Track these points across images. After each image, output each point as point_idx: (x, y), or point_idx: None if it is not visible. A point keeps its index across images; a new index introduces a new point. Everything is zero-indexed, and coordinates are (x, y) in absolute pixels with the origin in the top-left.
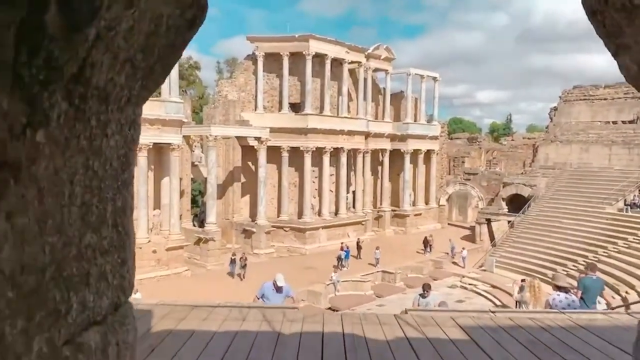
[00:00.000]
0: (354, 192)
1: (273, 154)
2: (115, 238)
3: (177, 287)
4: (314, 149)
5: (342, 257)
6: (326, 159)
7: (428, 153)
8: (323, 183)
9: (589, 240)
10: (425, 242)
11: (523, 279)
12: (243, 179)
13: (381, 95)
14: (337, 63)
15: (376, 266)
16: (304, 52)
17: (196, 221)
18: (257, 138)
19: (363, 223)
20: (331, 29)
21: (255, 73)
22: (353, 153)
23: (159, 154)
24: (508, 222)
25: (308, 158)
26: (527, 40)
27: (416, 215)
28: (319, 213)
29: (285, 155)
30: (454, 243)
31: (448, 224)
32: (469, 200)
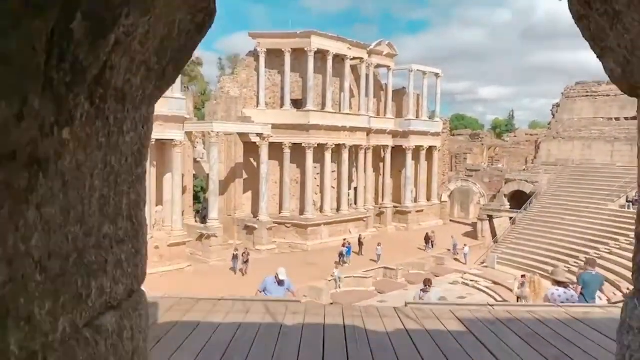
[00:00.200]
0: (356, 189)
1: (275, 151)
2: (129, 229)
3: (180, 283)
4: (316, 146)
5: (344, 254)
6: (328, 156)
7: (430, 149)
8: (325, 179)
9: (591, 236)
10: (427, 239)
11: (523, 275)
12: (245, 176)
13: (383, 91)
14: (339, 59)
15: (378, 262)
16: (306, 49)
17: (198, 217)
18: (259, 134)
19: (365, 219)
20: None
21: (257, 69)
22: (355, 149)
23: (162, 150)
24: (510, 219)
25: (310, 154)
26: (530, 36)
27: (418, 211)
28: (321, 209)
29: (287, 151)
30: (456, 240)
31: (450, 221)
32: (471, 196)
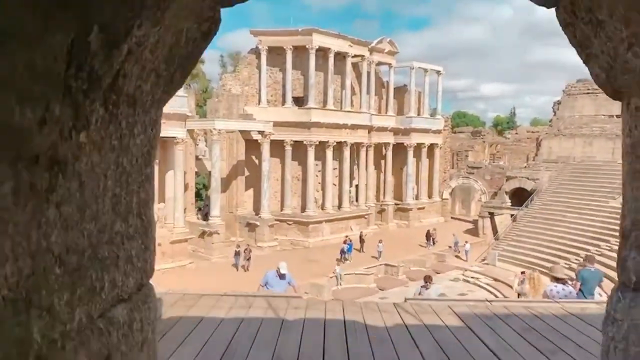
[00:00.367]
0: (357, 186)
1: (276, 148)
2: (139, 226)
3: (182, 279)
4: (317, 143)
5: (345, 251)
6: (329, 153)
7: (431, 147)
8: (326, 177)
9: (592, 233)
10: (428, 236)
11: (523, 272)
12: (247, 173)
13: (384, 88)
14: (341, 57)
15: (379, 259)
16: (307, 46)
17: (200, 215)
18: (261, 132)
19: (366, 216)
20: (334, 22)
21: (258, 67)
22: (356, 147)
23: (164, 148)
24: (511, 216)
25: (311, 152)
26: (532, 33)
27: (419, 208)
28: (322, 207)
29: (288, 149)
30: (458, 238)
31: (451, 218)
32: (472, 194)
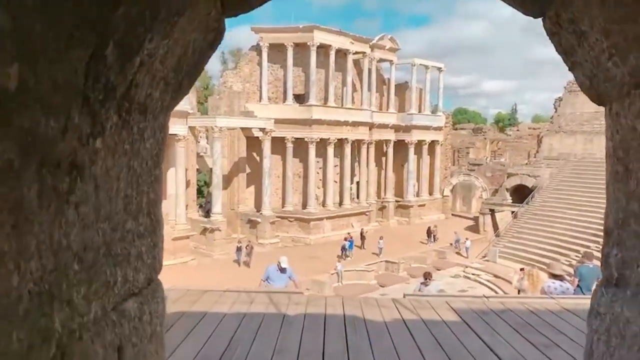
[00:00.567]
0: (358, 183)
1: (277, 145)
2: (149, 224)
3: (184, 276)
4: (318, 140)
5: (346, 247)
6: (330, 150)
7: (432, 144)
8: (327, 174)
9: (592, 230)
10: (428, 233)
11: (522, 268)
12: (248, 170)
13: (385, 85)
14: (342, 54)
15: (380, 256)
16: (308, 43)
17: (202, 211)
18: (262, 129)
19: (367, 213)
20: (335, 19)
21: (259, 64)
22: (357, 144)
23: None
24: (512, 213)
25: (312, 149)
26: (533, 30)
27: (420, 205)
28: (323, 203)
29: (289, 146)
30: (459, 235)
31: (452, 215)
32: (473, 190)
